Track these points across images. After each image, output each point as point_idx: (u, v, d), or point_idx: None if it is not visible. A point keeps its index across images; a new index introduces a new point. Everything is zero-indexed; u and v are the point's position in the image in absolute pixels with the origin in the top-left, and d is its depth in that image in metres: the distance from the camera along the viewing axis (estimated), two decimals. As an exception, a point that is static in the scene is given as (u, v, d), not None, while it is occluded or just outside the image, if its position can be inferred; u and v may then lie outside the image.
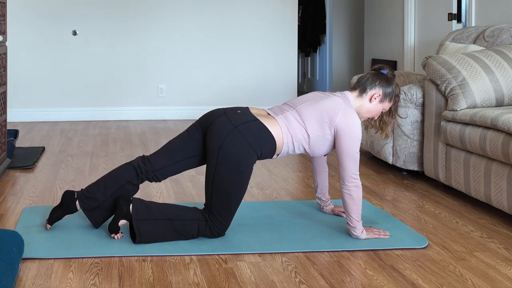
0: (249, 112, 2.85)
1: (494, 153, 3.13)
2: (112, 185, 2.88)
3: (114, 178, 2.90)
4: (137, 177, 2.90)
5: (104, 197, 2.87)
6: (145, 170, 2.89)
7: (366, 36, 7.58)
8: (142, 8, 6.88)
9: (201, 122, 2.90)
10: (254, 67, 7.11)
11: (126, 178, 2.89)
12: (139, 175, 2.90)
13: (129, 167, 2.92)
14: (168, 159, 2.90)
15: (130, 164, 2.93)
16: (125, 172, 2.91)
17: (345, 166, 2.79)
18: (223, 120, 2.79)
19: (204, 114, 2.94)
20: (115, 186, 2.88)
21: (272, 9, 7.13)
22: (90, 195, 2.88)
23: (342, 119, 2.79)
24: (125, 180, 2.89)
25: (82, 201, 2.88)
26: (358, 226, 2.82)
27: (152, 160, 2.91)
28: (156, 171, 2.90)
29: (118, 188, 2.88)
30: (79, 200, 2.89)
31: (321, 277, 2.43)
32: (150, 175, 2.90)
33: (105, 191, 2.87)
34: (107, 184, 2.89)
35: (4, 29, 4.17)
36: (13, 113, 6.42)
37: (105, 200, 2.87)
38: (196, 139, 2.88)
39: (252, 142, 2.75)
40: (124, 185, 2.88)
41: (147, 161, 2.91)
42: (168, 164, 2.90)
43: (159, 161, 2.90)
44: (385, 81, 2.94)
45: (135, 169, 2.90)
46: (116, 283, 2.37)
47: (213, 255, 2.65)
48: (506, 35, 4.18)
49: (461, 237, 2.92)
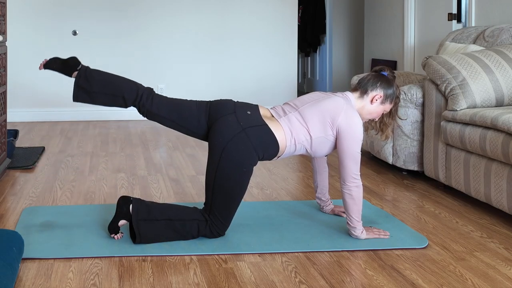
0: (258, 114, 2.83)
1: (494, 153, 3.13)
2: (110, 88, 2.87)
3: (116, 85, 2.88)
4: (133, 101, 2.88)
5: (96, 89, 2.86)
6: (143, 103, 2.87)
7: (366, 36, 7.58)
8: (142, 8, 6.88)
9: (211, 110, 2.86)
10: (254, 67, 7.11)
11: (124, 94, 2.87)
12: (135, 101, 2.88)
13: (134, 88, 2.88)
14: (167, 112, 2.87)
15: (136, 87, 2.89)
16: (128, 90, 2.88)
17: (346, 166, 2.79)
18: (232, 119, 2.78)
19: (216, 102, 2.90)
20: (112, 90, 2.87)
21: (272, 9, 7.13)
22: (89, 78, 2.87)
23: (344, 119, 2.79)
24: (122, 95, 2.87)
25: (79, 76, 2.87)
26: (358, 226, 2.82)
27: (155, 101, 2.87)
28: (150, 111, 2.87)
29: (112, 93, 2.87)
30: (78, 73, 2.88)
31: (321, 277, 2.43)
32: (143, 109, 2.88)
33: (101, 86, 2.86)
34: (107, 84, 2.88)
35: (4, 29, 4.17)
36: (13, 113, 6.42)
37: (95, 91, 2.86)
38: (201, 121, 2.85)
39: (256, 146, 2.74)
40: (117, 96, 2.87)
41: (150, 98, 2.87)
42: (163, 116, 2.88)
43: (159, 107, 2.87)
44: (386, 82, 2.94)
45: (137, 95, 2.87)
46: (116, 283, 2.37)
47: (213, 255, 2.65)
48: (506, 35, 4.18)
49: (461, 237, 2.92)
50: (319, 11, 8.85)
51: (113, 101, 2.89)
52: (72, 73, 2.90)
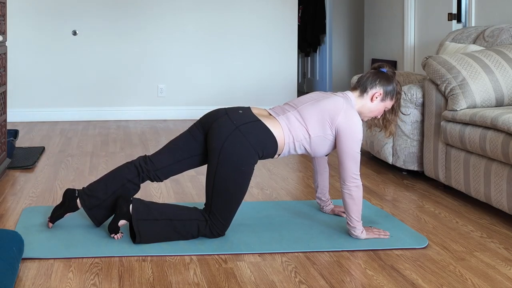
0: (250, 112, 2.85)
1: (494, 153, 3.13)
2: (113, 184, 2.88)
3: (116, 177, 2.90)
4: (138, 177, 2.90)
5: (105, 196, 2.87)
6: (147, 170, 2.89)
7: (366, 36, 7.58)
8: (142, 8, 6.88)
9: (202, 122, 2.90)
10: (254, 67, 7.11)
11: (127, 177, 2.89)
12: (140, 175, 2.90)
13: (130, 166, 2.92)
14: (169, 158, 2.90)
15: (131, 163, 2.93)
16: (127, 171, 2.91)
17: (345, 166, 2.79)
18: (225, 120, 2.79)
19: (205, 114, 2.94)
20: (116, 185, 2.88)
21: (272, 9, 7.13)
22: (91, 193, 2.88)
23: (344, 119, 2.79)
24: (126, 179, 2.89)
25: (83, 199, 2.88)
26: (358, 226, 2.82)
27: (154, 160, 2.91)
28: (157, 170, 2.90)
29: (119, 187, 2.88)
30: (80, 198, 2.89)
31: (321, 277, 2.43)
32: (152, 175, 2.91)
33: (106, 189, 2.88)
34: (108, 183, 2.89)
35: (4, 29, 4.17)
36: (13, 113, 6.42)
37: (106, 198, 2.87)
38: (198, 138, 2.88)
39: (253, 143, 2.74)
40: (125, 184, 2.88)
41: (148, 161, 2.91)
42: (170, 164, 2.90)
43: (161, 160, 2.90)
44: (385, 79, 2.93)
45: (136, 169, 2.90)
46: (116, 283, 2.37)
47: (213, 255, 2.65)
48: (506, 35, 4.18)
49: (461, 237, 2.92)
50: (319, 11, 8.85)
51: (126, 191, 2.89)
52: (76, 204, 2.91)
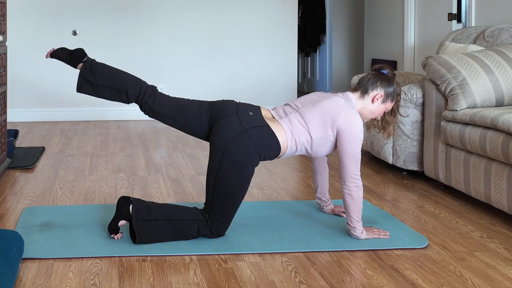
0: (260, 115, 2.84)
1: (494, 153, 3.13)
2: (114, 82, 2.88)
3: (121, 80, 2.89)
4: (135, 97, 2.88)
5: (101, 82, 2.87)
6: (145, 100, 2.87)
7: (366, 36, 7.58)
8: (142, 8, 6.88)
9: (213, 110, 2.86)
10: (254, 67, 7.11)
11: (128, 90, 2.87)
12: (138, 98, 2.88)
13: (137, 86, 2.89)
14: (168, 111, 2.87)
15: (140, 84, 2.90)
16: (132, 86, 2.88)
17: (346, 166, 2.79)
18: (233, 120, 2.78)
19: (218, 102, 2.90)
20: (116, 85, 2.88)
21: (272, 8, 7.13)
22: (94, 71, 2.88)
23: (344, 119, 2.79)
24: (125, 90, 2.87)
25: (85, 68, 2.89)
26: (358, 226, 2.82)
27: (157, 99, 2.88)
28: (152, 109, 2.88)
29: (116, 88, 2.87)
30: (83, 64, 2.89)
31: (321, 277, 2.43)
32: (144, 107, 2.88)
33: (106, 80, 2.87)
34: (112, 78, 2.88)
35: (4, 29, 4.17)
36: (13, 113, 6.42)
37: (99, 84, 2.87)
38: (202, 120, 2.85)
39: (258, 146, 2.74)
40: (121, 91, 2.88)
41: (153, 96, 2.88)
42: (165, 114, 2.88)
43: (161, 105, 2.88)
44: (386, 81, 2.93)
45: (140, 92, 2.87)
46: (116, 283, 2.37)
47: (213, 255, 2.65)
48: (506, 35, 4.18)
49: (461, 237, 2.92)
50: (319, 11, 8.85)
51: (116, 95, 2.90)
52: (77, 64, 2.92)
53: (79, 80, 2.89)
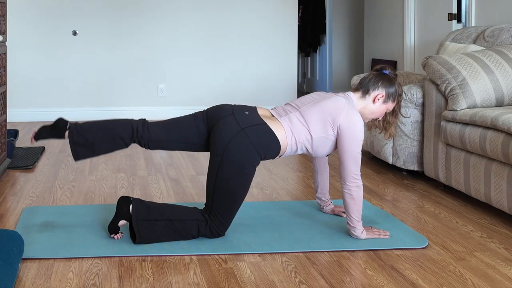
0: (256, 114, 2.84)
1: (494, 153, 3.13)
2: (105, 134, 2.87)
3: (110, 129, 2.88)
4: (130, 138, 2.87)
5: (92, 139, 2.86)
6: (141, 136, 2.87)
7: (366, 36, 7.58)
8: (142, 8, 6.88)
9: (208, 116, 2.87)
10: (254, 67, 7.11)
11: (120, 134, 2.86)
12: (133, 137, 2.87)
13: (127, 126, 2.88)
14: (166, 135, 2.88)
15: (130, 123, 2.89)
16: (123, 129, 2.87)
17: (346, 166, 2.79)
18: (230, 120, 2.78)
19: (213, 107, 2.91)
20: (108, 136, 2.86)
21: (272, 9, 7.13)
22: (81, 132, 2.87)
23: (345, 119, 2.79)
24: (119, 136, 2.86)
25: (72, 134, 2.87)
26: (358, 226, 2.82)
27: (151, 129, 2.88)
28: (150, 140, 2.88)
29: (109, 138, 2.86)
30: (69, 132, 2.88)
31: (321, 277, 2.43)
32: (143, 142, 2.88)
33: (96, 135, 2.86)
34: (100, 130, 2.87)
35: (4, 29, 4.17)
36: (13, 113, 6.42)
37: (93, 142, 2.86)
38: (200, 129, 2.86)
39: (257, 145, 2.74)
40: (116, 139, 2.86)
41: (146, 128, 2.88)
42: (164, 140, 2.88)
43: (158, 133, 2.88)
44: (387, 81, 2.93)
45: (132, 130, 2.87)
46: (116, 283, 2.37)
47: (213, 255, 2.65)
48: (506, 35, 4.18)
49: (461, 237, 2.92)
50: (319, 11, 8.85)
51: (113, 145, 2.88)
52: (63, 133, 2.90)
53: (72, 148, 2.87)
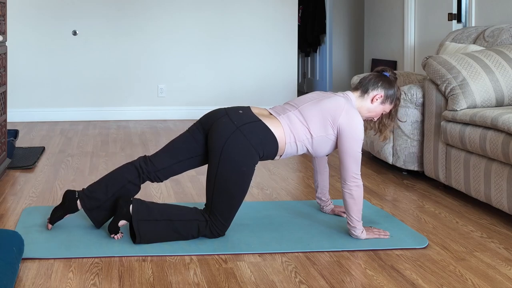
0: (251, 112, 2.85)
1: (494, 153, 3.13)
2: (113, 185, 2.88)
3: (116, 178, 2.90)
4: (138, 177, 2.90)
5: (105, 197, 2.87)
6: (147, 171, 2.89)
7: (366, 36, 7.58)
8: (142, 8, 6.88)
9: (202, 122, 2.90)
10: (254, 67, 7.11)
11: (127, 178, 2.89)
12: (140, 175, 2.90)
13: (131, 167, 2.91)
14: (170, 159, 2.90)
15: (132, 164, 2.93)
16: (127, 172, 2.90)
17: (346, 165, 2.79)
18: (225, 121, 2.79)
19: (205, 114, 2.94)
20: (117, 186, 2.88)
21: (272, 9, 7.13)
22: (91, 194, 2.88)
23: (345, 118, 2.79)
24: (127, 180, 2.88)
25: (83, 200, 2.88)
26: (359, 226, 2.82)
27: (154, 160, 2.91)
28: (158, 171, 2.90)
29: (119, 188, 2.88)
30: (80, 200, 2.89)
31: (321, 277, 2.43)
32: (152, 176, 2.91)
33: (107, 191, 2.87)
34: (108, 184, 2.89)
35: (4, 29, 4.17)
36: (13, 113, 6.42)
37: (106, 199, 2.87)
38: (198, 139, 2.88)
39: (254, 143, 2.74)
40: (125, 185, 2.88)
41: (148, 162, 2.91)
42: (170, 165, 2.90)
43: (161, 161, 2.90)
44: (387, 83, 2.94)
45: (136, 169, 2.90)
46: (116, 283, 2.37)
47: (213, 255, 2.65)
48: (506, 35, 4.18)
49: (461, 237, 2.92)
50: (319, 11, 8.85)
51: (127, 192, 2.88)
52: (76, 205, 2.90)
53: (89, 216, 2.88)
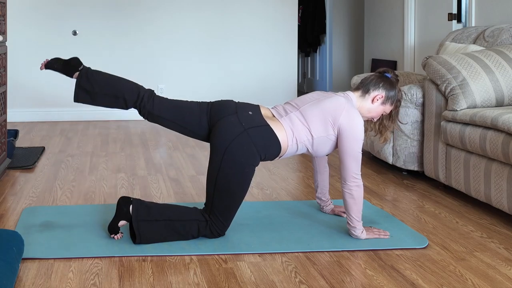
0: (260, 114, 2.83)
1: (494, 153, 3.13)
2: (111, 89, 2.87)
3: (117, 86, 2.88)
4: (133, 103, 2.87)
5: (98, 89, 2.85)
6: (143, 105, 2.86)
7: (366, 36, 7.58)
8: (142, 8, 6.88)
9: (212, 111, 2.86)
10: (254, 67, 7.11)
11: (125, 95, 2.86)
12: (136, 103, 2.87)
13: (135, 90, 2.88)
14: (168, 113, 2.87)
15: (138, 88, 2.89)
16: (129, 91, 2.87)
17: (347, 165, 2.79)
18: (233, 120, 2.77)
19: (217, 102, 2.90)
20: (113, 91, 2.86)
21: (272, 9, 7.13)
22: (90, 79, 2.86)
23: (345, 119, 2.79)
24: (123, 96, 2.86)
25: (81, 76, 2.87)
26: (359, 226, 2.82)
27: (156, 103, 2.87)
28: (151, 113, 2.87)
29: (113, 94, 2.86)
30: (79, 73, 2.88)
31: (321, 277, 2.43)
32: (144, 111, 2.88)
33: (103, 87, 2.86)
34: (108, 84, 2.87)
35: (4, 29, 4.17)
36: (13, 113, 6.42)
37: (97, 92, 2.86)
38: (202, 121, 2.85)
39: (258, 146, 2.74)
40: (118, 98, 2.87)
41: (151, 100, 2.87)
42: (165, 117, 2.87)
43: (160, 109, 2.87)
44: (389, 84, 2.94)
45: (138, 96, 2.87)
46: (116, 283, 2.37)
47: (213, 255, 2.65)
48: (506, 35, 4.18)
49: (461, 237, 2.92)
50: (319, 11, 8.85)
51: (114, 102, 2.88)
52: (73, 73, 2.90)
53: (75, 90, 2.87)
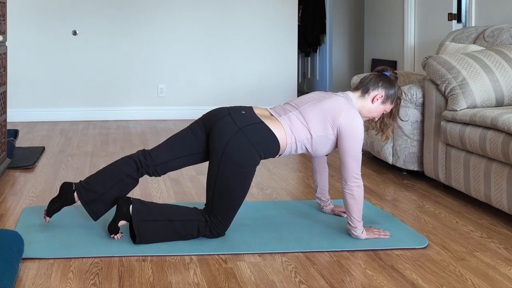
0: (253, 113, 2.84)
1: (494, 153, 3.13)
2: (111, 178, 2.86)
3: (114, 171, 2.88)
4: (137, 171, 2.88)
5: (103, 190, 2.84)
6: (146, 164, 2.88)
7: (366, 36, 7.58)
8: (142, 8, 6.88)
9: (205, 121, 2.89)
10: (254, 67, 7.11)
11: (126, 171, 2.87)
12: (139, 169, 2.88)
13: (129, 161, 2.89)
14: (169, 154, 2.89)
15: (130, 158, 2.90)
16: (125, 166, 2.88)
17: (347, 165, 2.79)
18: (228, 121, 2.78)
19: (208, 112, 2.93)
20: (115, 179, 2.86)
21: (272, 9, 7.13)
22: (89, 187, 2.86)
23: (345, 119, 2.79)
24: (125, 174, 2.86)
25: (81, 192, 2.86)
26: (359, 226, 2.82)
27: (153, 155, 2.89)
28: (156, 165, 2.89)
29: (117, 181, 2.85)
30: (77, 192, 2.87)
31: (321, 277, 2.43)
32: (150, 170, 2.89)
33: (104, 183, 2.85)
34: (106, 177, 2.87)
35: (4, 29, 4.17)
36: (13, 113, 6.42)
37: (104, 192, 2.84)
38: (199, 137, 2.87)
39: (256, 145, 2.74)
40: (123, 179, 2.86)
41: (147, 155, 2.89)
42: (169, 160, 2.89)
43: (160, 156, 2.89)
44: (388, 82, 2.94)
45: (135, 163, 2.88)
46: (116, 283, 2.37)
47: (213, 255, 2.65)
48: (506, 35, 4.18)
49: (461, 237, 2.92)
50: (319, 11, 8.85)
51: (124, 185, 2.86)
52: (73, 197, 2.89)
53: (86, 208, 2.86)
